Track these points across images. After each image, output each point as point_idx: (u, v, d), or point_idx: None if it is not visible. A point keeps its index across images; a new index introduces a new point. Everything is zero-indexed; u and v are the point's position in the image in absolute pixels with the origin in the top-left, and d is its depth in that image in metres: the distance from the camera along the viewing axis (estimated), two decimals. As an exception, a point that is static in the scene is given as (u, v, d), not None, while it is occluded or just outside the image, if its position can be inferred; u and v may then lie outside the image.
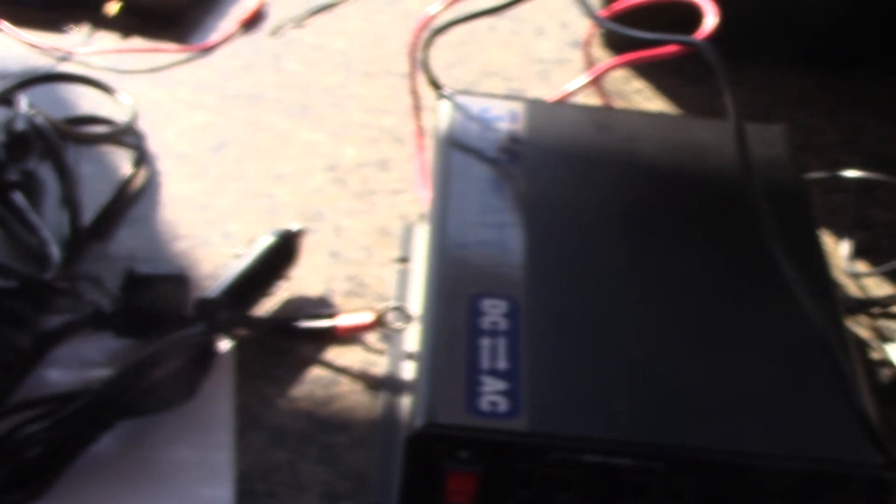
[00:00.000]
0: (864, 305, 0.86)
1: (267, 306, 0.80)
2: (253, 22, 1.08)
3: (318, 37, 1.08)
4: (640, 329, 0.67)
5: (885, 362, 0.81)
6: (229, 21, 1.07)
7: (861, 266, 0.90)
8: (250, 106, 0.98)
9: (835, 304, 0.71)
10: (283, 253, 0.80)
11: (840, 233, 0.92)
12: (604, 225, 0.74)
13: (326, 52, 1.06)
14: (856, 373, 0.65)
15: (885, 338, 0.84)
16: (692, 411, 0.63)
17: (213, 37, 1.06)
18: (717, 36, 0.81)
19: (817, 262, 0.74)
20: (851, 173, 0.94)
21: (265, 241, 0.80)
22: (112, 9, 1.03)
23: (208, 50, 1.04)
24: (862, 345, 0.83)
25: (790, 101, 1.05)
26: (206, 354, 0.73)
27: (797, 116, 1.03)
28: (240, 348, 0.77)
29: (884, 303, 0.86)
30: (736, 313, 0.69)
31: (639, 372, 0.65)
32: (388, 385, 0.75)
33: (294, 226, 0.82)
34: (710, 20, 0.83)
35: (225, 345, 0.76)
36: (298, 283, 0.82)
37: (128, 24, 1.05)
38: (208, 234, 0.85)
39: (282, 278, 0.80)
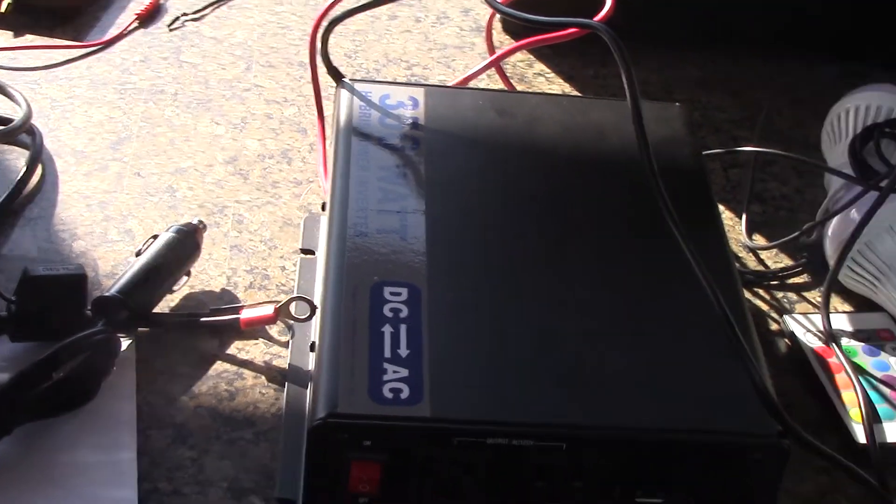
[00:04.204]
0: (762, 278, 0.87)
1: (168, 302, 0.79)
2: (150, 16, 1.07)
3: (216, 29, 1.07)
4: (542, 311, 0.67)
5: (783, 333, 0.83)
6: (126, 15, 1.06)
7: (759, 239, 0.91)
8: (149, 101, 0.97)
9: (733, 277, 0.72)
10: (183, 248, 0.79)
11: (738, 207, 0.93)
12: (505, 208, 0.74)
13: (226, 45, 1.05)
14: (754, 345, 0.66)
15: (782, 309, 0.85)
16: (593, 390, 0.63)
17: (110, 32, 1.04)
18: (615, 18, 0.81)
19: (715, 236, 0.74)
20: (749, 149, 0.95)
21: (165, 236, 0.79)
22: (3, 6, 1.02)
23: (105, 45, 1.03)
24: (760, 316, 0.84)
25: (689, 80, 1.06)
26: (107, 354, 0.72)
27: (696, 95, 1.05)
28: (141, 346, 0.76)
29: (781, 275, 0.88)
30: (636, 291, 0.70)
31: (540, 354, 0.65)
32: (292, 377, 0.75)
33: (195, 220, 0.81)
34: (609, 3, 0.84)
35: (125, 343, 0.75)
36: (200, 277, 0.82)
37: (20, 21, 1.03)
38: (107, 231, 0.84)
39: (183, 274, 0.79)
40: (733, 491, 0.63)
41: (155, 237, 0.79)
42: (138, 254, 0.78)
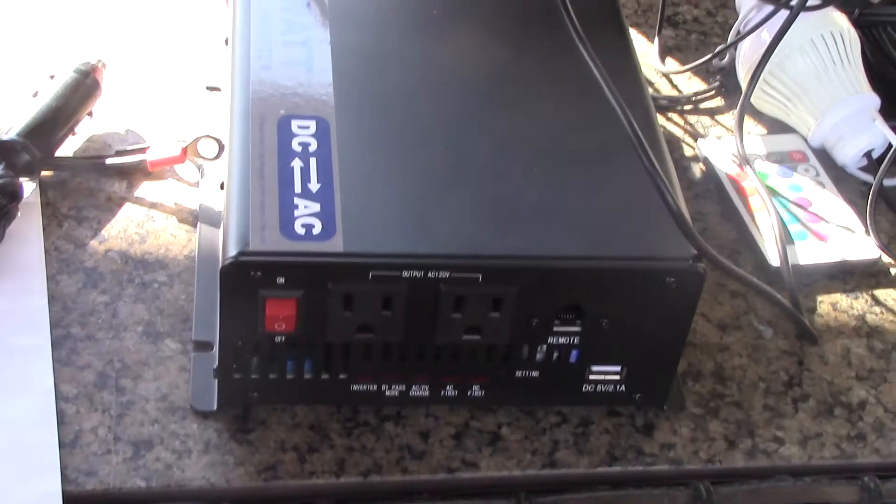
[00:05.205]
0: (676, 103, 0.87)
1: (71, 145, 0.77)
2: None
3: None
4: (453, 140, 0.66)
5: (698, 158, 0.83)
6: None
7: (672, 63, 0.90)
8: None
9: (646, 102, 0.71)
10: (84, 88, 0.76)
11: (650, 32, 0.92)
12: (411, 35, 0.72)
13: None
14: (668, 170, 0.66)
15: (696, 134, 0.85)
16: (508, 220, 0.62)
17: None
18: None
19: (627, 62, 0.73)
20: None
21: (64, 76, 0.76)
22: None
23: None
24: (675, 141, 0.84)
25: None
26: (9, 199, 0.70)
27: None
28: (46, 191, 0.74)
29: (695, 99, 0.87)
30: (548, 119, 0.69)
31: (454, 184, 0.64)
32: (203, 217, 0.73)
33: (94, 59, 0.78)
34: None
35: (29, 188, 0.73)
36: (103, 118, 0.79)
37: None
38: (1, 72, 0.81)
39: (84, 114, 0.77)
40: (650, 316, 0.64)
41: (52, 77, 0.76)
42: (36, 95, 0.75)
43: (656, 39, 0.91)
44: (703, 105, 0.87)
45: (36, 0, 0.87)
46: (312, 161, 0.63)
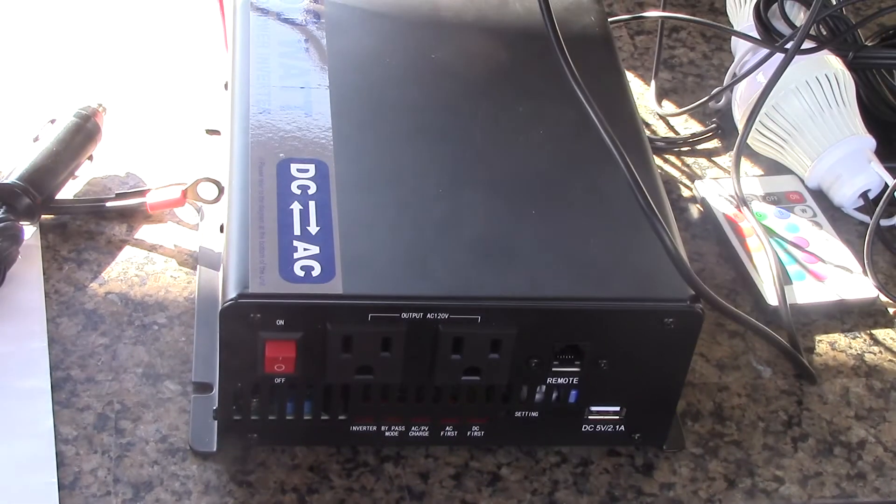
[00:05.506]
0: (673, 144, 0.87)
1: (72, 188, 0.77)
2: None
3: None
4: (452, 183, 0.67)
5: (695, 199, 0.83)
6: None
7: (669, 106, 0.91)
8: None
9: (643, 144, 0.71)
10: (84, 132, 0.77)
11: (647, 74, 0.93)
12: (409, 80, 0.73)
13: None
14: (665, 211, 0.66)
15: (694, 175, 0.85)
16: (506, 262, 0.63)
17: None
18: None
19: (624, 103, 0.74)
20: (655, 14, 0.94)
21: (64, 120, 0.77)
22: None
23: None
24: (672, 183, 0.84)
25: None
26: (10, 243, 0.70)
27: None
28: (46, 234, 0.74)
29: (691, 141, 0.88)
30: (546, 161, 0.69)
31: (452, 226, 0.64)
32: (203, 260, 0.74)
33: (94, 103, 0.79)
34: None
35: (29, 231, 0.73)
36: (103, 161, 0.79)
37: None
38: (2, 116, 0.82)
39: (85, 158, 0.77)
40: (649, 357, 0.64)
41: (52, 121, 0.77)
42: (37, 139, 0.76)
43: (653, 82, 0.92)
44: (699, 146, 0.87)
45: (36, 44, 0.88)
46: (311, 204, 0.64)
